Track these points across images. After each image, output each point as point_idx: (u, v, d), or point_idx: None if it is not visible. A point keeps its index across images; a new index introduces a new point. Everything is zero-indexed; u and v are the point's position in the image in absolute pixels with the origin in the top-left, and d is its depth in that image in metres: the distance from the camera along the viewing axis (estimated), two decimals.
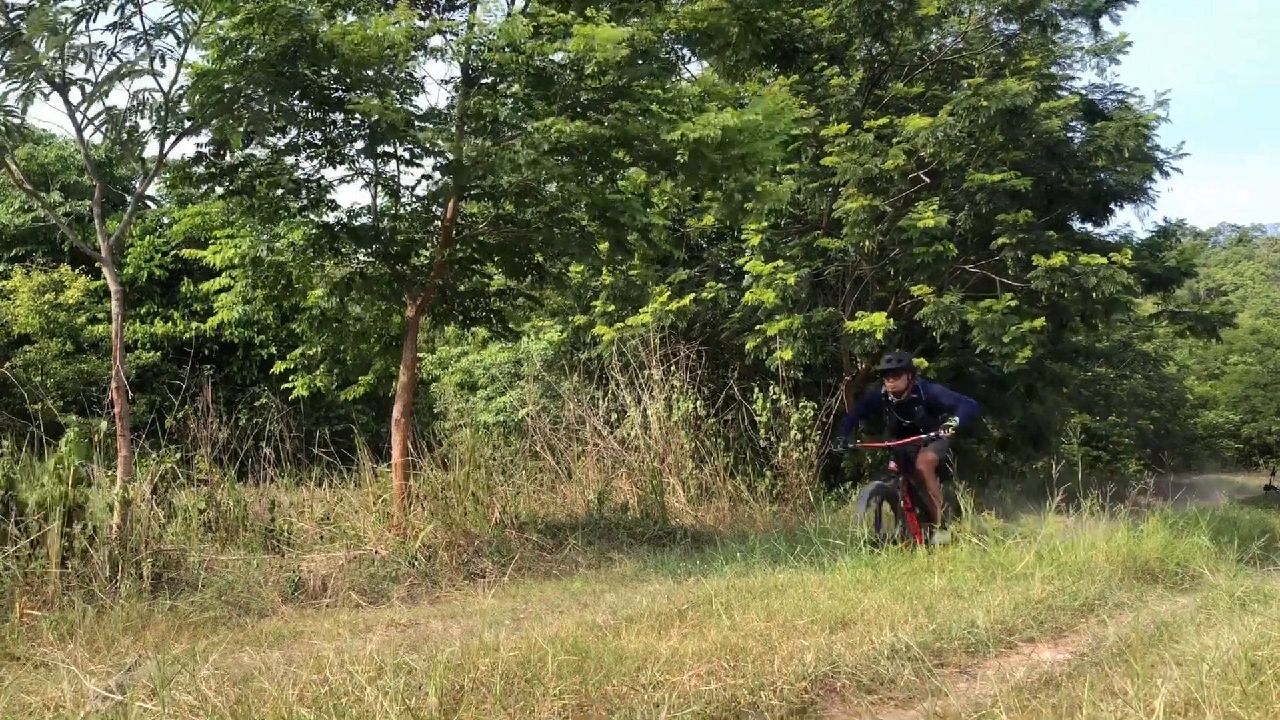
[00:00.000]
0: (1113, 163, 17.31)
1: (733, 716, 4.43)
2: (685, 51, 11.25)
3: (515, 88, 9.89)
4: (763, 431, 14.41)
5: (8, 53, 7.19)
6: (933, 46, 18.41)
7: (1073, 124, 17.87)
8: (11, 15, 7.17)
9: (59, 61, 7.33)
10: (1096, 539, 9.00)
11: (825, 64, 17.06)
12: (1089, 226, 19.11)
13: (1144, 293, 19.36)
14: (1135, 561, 8.31)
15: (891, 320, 15.83)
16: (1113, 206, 18.49)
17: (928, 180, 16.59)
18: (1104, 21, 18.17)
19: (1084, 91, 18.61)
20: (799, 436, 14.06)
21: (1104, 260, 15.44)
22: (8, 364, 17.41)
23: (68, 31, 7.19)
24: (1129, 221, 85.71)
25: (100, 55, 7.49)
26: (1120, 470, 23.56)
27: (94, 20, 7.41)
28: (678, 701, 4.41)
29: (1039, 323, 15.42)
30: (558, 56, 9.55)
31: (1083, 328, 18.92)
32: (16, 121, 7.63)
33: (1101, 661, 5.31)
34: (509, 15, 9.64)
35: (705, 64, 16.57)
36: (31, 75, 7.25)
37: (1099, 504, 10.65)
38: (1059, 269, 15.44)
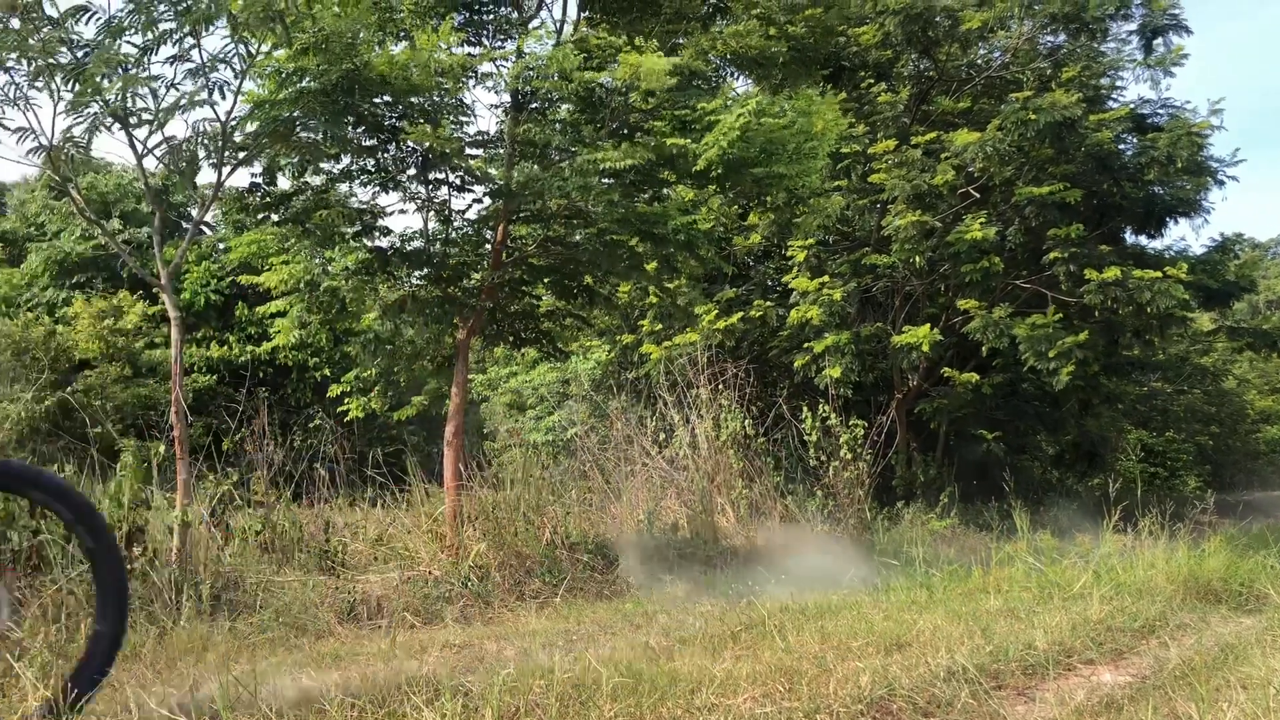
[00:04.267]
0: (1165, 174, 17.07)
1: None
2: (732, 71, 11.31)
3: (563, 111, 9.99)
4: (813, 450, 14.32)
5: (74, 87, 7.39)
6: (980, 61, 18.31)
7: (1123, 136, 17.66)
8: (77, 51, 7.38)
9: (121, 95, 7.53)
10: (1156, 558, 8.85)
11: (872, 81, 17.03)
12: (1142, 240, 18.85)
13: (1201, 308, 19.03)
14: (1197, 581, 8.15)
15: (939, 334, 15.70)
16: (1167, 220, 18.20)
17: (977, 195, 16.49)
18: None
19: (1133, 105, 18.38)
20: (850, 456, 13.94)
21: (1158, 274, 15.23)
22: (69, 389, 17.79)
23: (132, 71, 7.38)
24: (1184, 235, 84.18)
25: (160, 87, 7.67)
26: (1179, 487, 23.07)
27: (155, 53, 7.61)
28: None
29: (1083, 336, 15.23)
30: (605, 79, 9.64)
31: (1137, 342, 18.65)
32: (82, 153, 7.84)
33: (1164, 684, 5.21)
34: (558, 44, 9.72)
35: (750, 83, 16.64)
36: (95, 110, 7.46)
37: (1158, 522, 10.48)
38: (1112, 283, 15.26)
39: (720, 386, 14.01)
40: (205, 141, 8.13)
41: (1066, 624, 6.50)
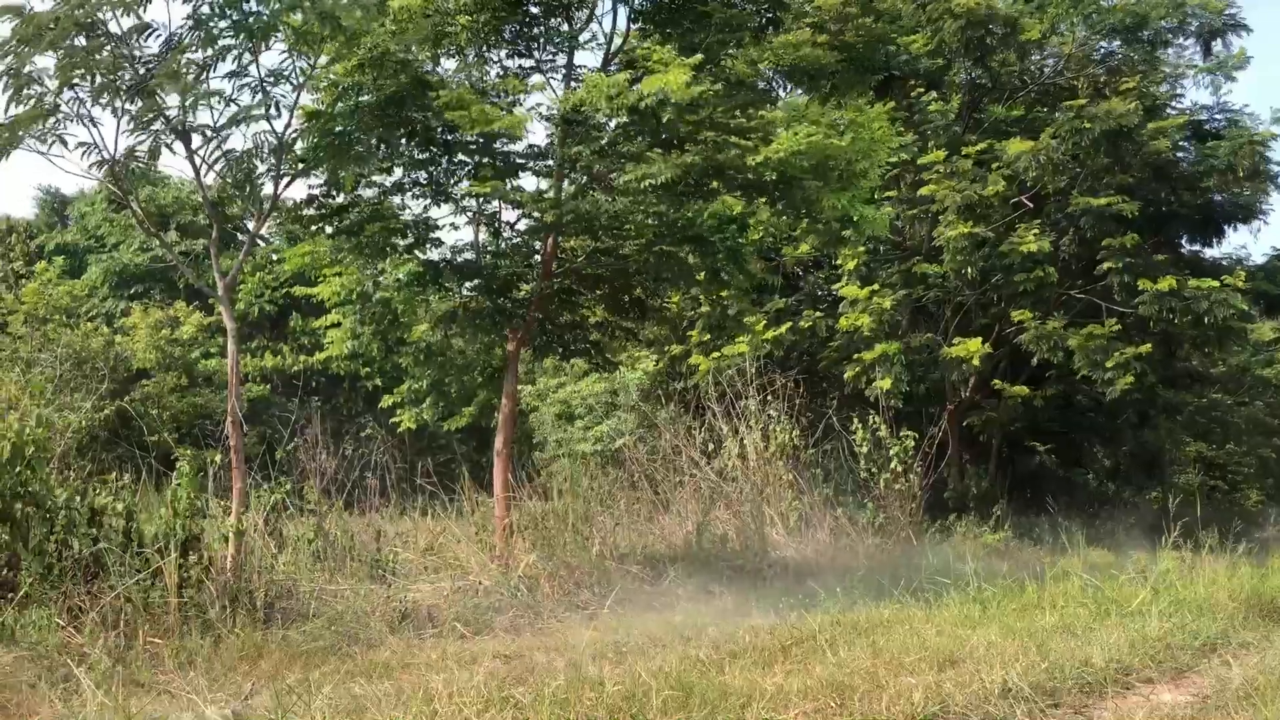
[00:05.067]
0: (1225, 183, 16.77)
1: None
2: (783, 82, 11.30)
3: (613, 124, 10.03)
4: (863, 462, 14.20)
5: (137, 102, 7.55)
6: (1033, 69, 18.09)
7: (1181, 143, 17.37)
8: (139, 68, 7.53)
9: (182, 110, 7.68)
10: (1217, 574, 8.67)
11: (923, 90, 16.90)
12: (1199, 248, 18.51)
13: (1263, 316, 18.63)
14: (1260, 599, 7.96)
15: (989, 347, 15.52)
16: (1225, 227, 17.88)
17: (1030, 205, 16.28)
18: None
19: (1190, 111, 18.08)
20: (901, 468, 13.81)
21: (1216, 284, 14.94)
22: (127, 398, 18.10)
23: (191, 81, 7.53)
24: (1245, 243, 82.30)
25: (219, 103, 7.82)
26: (1240, 501, 22.54)
27: (214, 69, 7.76)
28: None
29: (1145, 348, 14.98)
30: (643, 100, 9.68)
31: (1196, 353, 18.29)
32: (144, 167, 8.01)
33: (1226, 705, 5.10)
34: (607, 57, 9.76)
35: (799, 90, 16.57)
36: (158, 128, 7.62)
37: (1218, 538, 10.25)
38: (1168, 294, 14.99)
39: (769, 398, 13.93)
40: (263, 155, 8.26)
41: (1124, 641, 6.38)
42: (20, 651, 6.23)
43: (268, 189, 8.81)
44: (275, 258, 21.90)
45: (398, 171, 10.01)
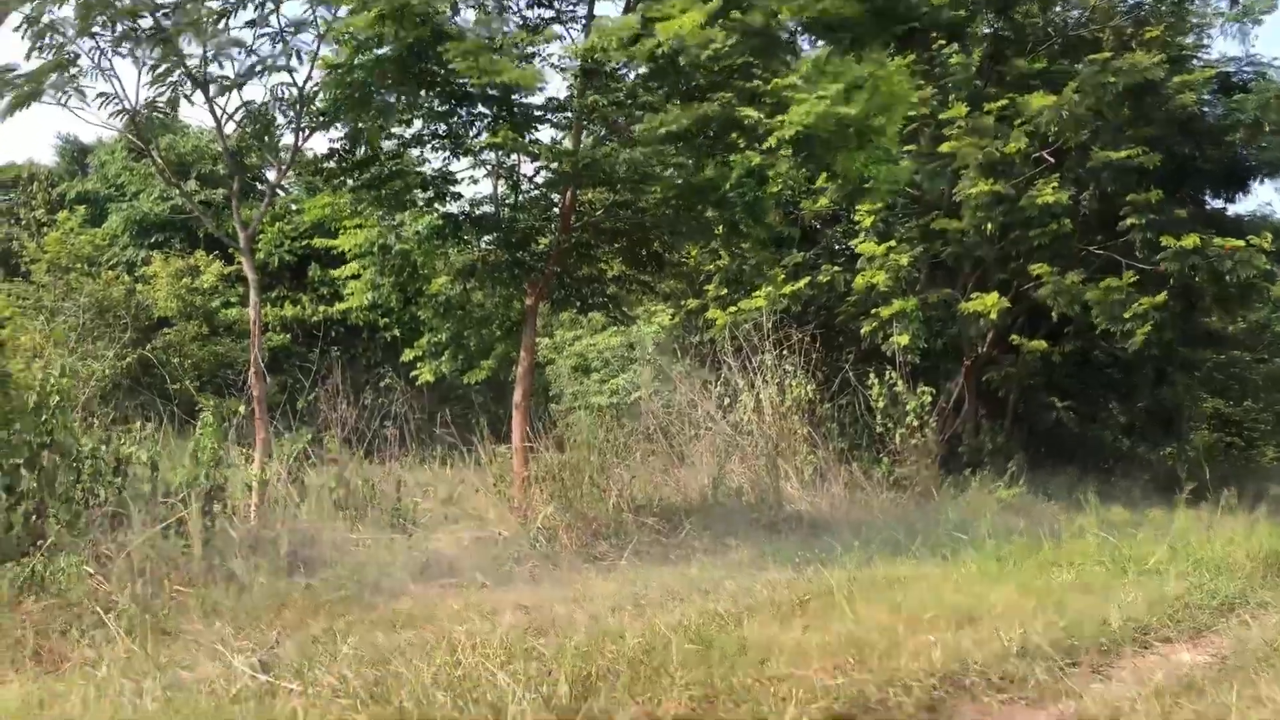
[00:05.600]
0: (1251, 137, 16.52)
1: (861, 713, 4.42)
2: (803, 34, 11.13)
3: (632, 76, 9.94)
4: (879, 417, 14.22)
5: (155, 50, 7.52)
6: (1057, 20, 17.78)
7: (1207, 97, 17.09)
8: (157, 14, 7.49)
9: (203, 61, 7.66)
10: (1235, 533, 8.67)
11: (944, 42, 16.64)
12: (1221, 203, 18.29)
13: None
14: (1279, 558, 7.97)
15: (1007, 301, 15.43)
16: (1250, 182, 17.66)
17: (1051, 160, 16.09)
18: None
19: (1217, 63, 17.75)
20: (916, 423, 13.82)
21: (1241, 244, 14.78)
22: (149, 346, 18.22)
23: (211, 29, 7.49)
24: (1270, 200, 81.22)
25: (239, 53, 7.79)
26: (1256, 458, 22.49)
27: (234, 17, 7.72)
28: (805, 696, 4.41)
29: (1161, 298, 14.87)
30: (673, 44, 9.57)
31: (1216, 309, 18.15)
32: (163, 117, 8.00)
33: (1246, 665, 5.12)
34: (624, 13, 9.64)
35: (820, 42, 16.33)
36: (176, 77, 7.60)
37: (1235, 495, 10.24)
38: (1192, 251, 14.84)
39: (785, 352, 13.92)
40: (283, 107, 8.23)
41: (1142, 600, 6.41)
42: (49, 599, 6.32)
43: (287, 140, 8.79)
44: (295, 208, 21.85)
45: (417, 124, 9.96)
